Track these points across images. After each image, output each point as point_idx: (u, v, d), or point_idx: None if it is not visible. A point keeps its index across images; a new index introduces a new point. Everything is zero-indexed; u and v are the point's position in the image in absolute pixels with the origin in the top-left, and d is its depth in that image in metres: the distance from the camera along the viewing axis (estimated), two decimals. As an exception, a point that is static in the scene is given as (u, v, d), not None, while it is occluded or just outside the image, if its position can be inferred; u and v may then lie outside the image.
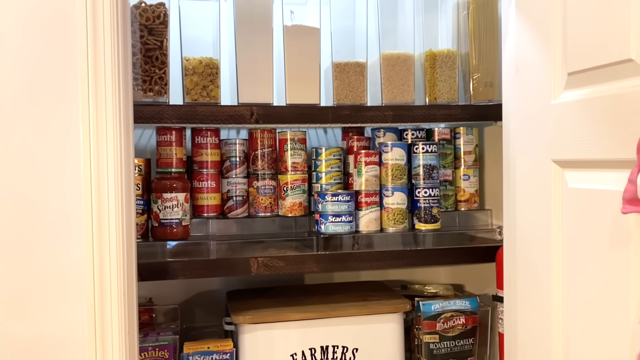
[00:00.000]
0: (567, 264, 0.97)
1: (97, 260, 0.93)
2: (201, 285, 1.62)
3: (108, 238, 0.94)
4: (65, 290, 0.92)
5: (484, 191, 1.57)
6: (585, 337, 0.93)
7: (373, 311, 1.34)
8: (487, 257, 1.38)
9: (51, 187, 0.93)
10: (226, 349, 1.27)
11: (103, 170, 0.95)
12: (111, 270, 0.93)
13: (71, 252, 0.92)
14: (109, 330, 0.92)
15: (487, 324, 1.45)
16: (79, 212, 0.93)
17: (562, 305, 0.99)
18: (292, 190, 1.40)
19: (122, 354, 0.92)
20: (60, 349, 0.91)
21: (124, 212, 0.96)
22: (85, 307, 0.91)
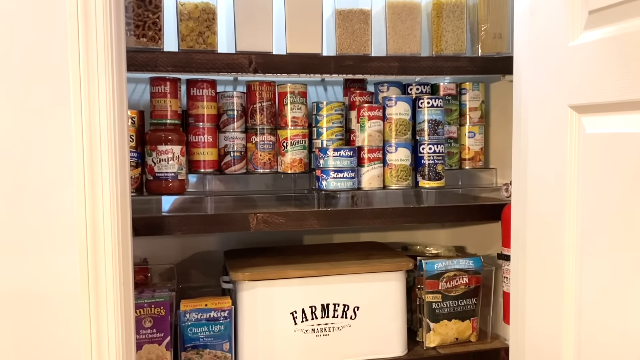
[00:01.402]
0: (583, 216, 0.93)
1: (90, 207, 0.88)
2: (198, 245, 1.58)
3: (101, 186, 0.89)
4: (57, 238, 0.87)
5: (489, 149, 1.52)
6: (601, 292, 0.90)
7: (375, 269, 1.31)
8: (492, 215, 1.35)
9: (42, 134, 0.88)
10: (224, 307, 1.23)
11: (95, 116, 0.89)
12: (104, 218, 0.88)
13: (63, 199, 0.87)
14: (102, 280, 0.87)
15: (491, 284, 1.42)
16: (70, 159, 0.88)
17: (575, 260, 0.96)
18: (292, 146, 1.35)
19: (116, 305, 0.88)
20: (53, 298, 0.87)
21: (116, 159, 0.91)
22: (77, 256, 0.87)
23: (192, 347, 1.21)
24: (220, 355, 1.23)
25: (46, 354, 0.87)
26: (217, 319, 1.22)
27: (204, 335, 1.22)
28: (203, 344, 1.22)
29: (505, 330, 1.43)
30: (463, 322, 1.38)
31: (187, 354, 1.21)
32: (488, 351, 1.36)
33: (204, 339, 1.22)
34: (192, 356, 1.21)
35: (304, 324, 1.27)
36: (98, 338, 0.88)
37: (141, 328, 1.18)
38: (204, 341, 1.22)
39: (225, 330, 1.23)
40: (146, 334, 1.18)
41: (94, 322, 0.87)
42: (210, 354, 1.22)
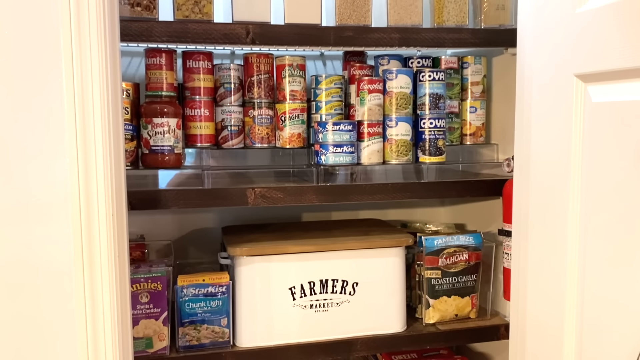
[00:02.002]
0: (587, 190, 0.91)
1: (83, 178, 0.85)
2: (195, 222, 1.57)
3: (94, 156, 0.87)
4: (49, 209, 0.85)
5: (490, 125, 1.50)
6: (605, 267, 0.89)
7: (374, 245, 1.29)
8: (493, 191, 1.33)
9: (31, 102, 0.85)
10: (222, 282, 1.22)
11: (87, 84, 0.87)
12: (98, 189, 0.86)
13: (55, 169, 0.85)
14: (97, 252, 0.86)
15: (490, 261, 1.41)
16: (61, 128, 0.86)
17: (579, 235, 0.94)
18: (290, 121, 1.32)
19: (111, 277, 0.86)
20: (46, 270, 0.85)
21: (110, 129, 0.88)
22: (71, 227, 0.85)
23: (190, 323, 1.20)
24: (218, 330, 1.22)
25: (40, 327, 0.86)
26: (215, 294, 1.21)
27: (201, 310, 1.20)
28: (201, 319, 1.21)
29: (504, 308, 1.42)
30: (462, 298, 1.37)
31: (185, 329, 1.20)
32: (487, 327, 1.35)
33: (202, 315, 1.20)
34: (190, 331, 1.20)
35: (302, 300, 1.26)
36: (93, 310, 0.86)
37: (138, 303, 1.16)
38: (202, 316, 1.21)
39: (223, 305, 1.22)
40: (143, 309, 1.17)
41: (89, 294, 0.86)
42: (208, 330, 1.21)
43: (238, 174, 1.33)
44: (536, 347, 1.07)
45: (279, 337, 1.25)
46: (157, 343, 1.18)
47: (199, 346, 1.21)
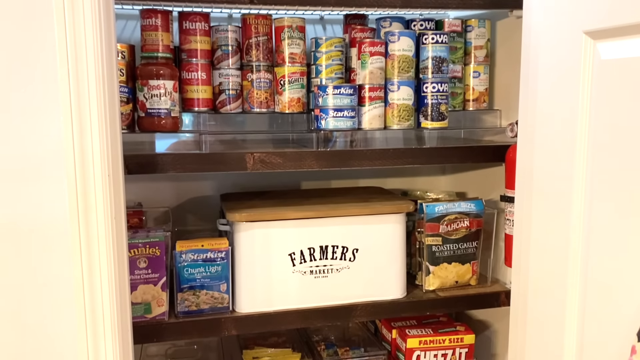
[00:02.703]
0: (594, 153, 0.89)
1: (78, 136, 0.83)
2: (193, 190, 1.55)
3: (89, 115, 0.84)
4: (44, 169, 0.83)
5: (493, 90, 1.47)
6: (610, 234, 0.87)
7: (375, 211, 1.28)
8: (496, 156, 1.31)
9: (25, 61, 0.82)
10: (221, 247, 1.21)
11: (80, 39, 0.84)
12: (93, 149, 0.84)
13: (49, 128, 0.83)
14: (93, 212, 0.84)
15: (492, 228, 1.40)
16: (55, 86, 0.83)
17: (584, 200, 0.93)
18: (289, 85, 1.30)
19: (108, 238, 0.85)
20: (42, 231, 0.83)
21: (104, 87, 0.86)
22: (66, 187, 0.83)
23: (189, 288, 1.19)
24: (218, 296, 1.21)
25: (37, 289, 0.85)
26: (214, 259, 1.20)
27: (200, 276, 1.19)
28: (200, 284, 1.20)
29: (505, 275, 1.41)
30: (463, 265, 1.36)
31: (184, 294, 1.19)
32: (488, 294, 1.35)
33: (201, 280, 1.20)
34: (189, 297, 1.20)
35: (302, 266, 1.25)
36: (90, 271, 0.85)
37: (136, 268, 1.15)
38: (201, 282, 1.20)
39: (222, 271, 1.21)
40: (141, 274, 1.16)
41: (85, 255, 0.84)
42: (207, 295, 1.20)
43: (236, 139, 1.31)
44: (538, 314, 1.06)
45: (278, 302, 1.24)
46: (156, 308, 1.17)
47: (198, 312, 1.20)
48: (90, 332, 0.87)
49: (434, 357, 1.34)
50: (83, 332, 0.86)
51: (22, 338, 0.85)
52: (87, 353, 0.87)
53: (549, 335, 1.02)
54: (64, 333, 0.86)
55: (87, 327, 0.86)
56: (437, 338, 1.34)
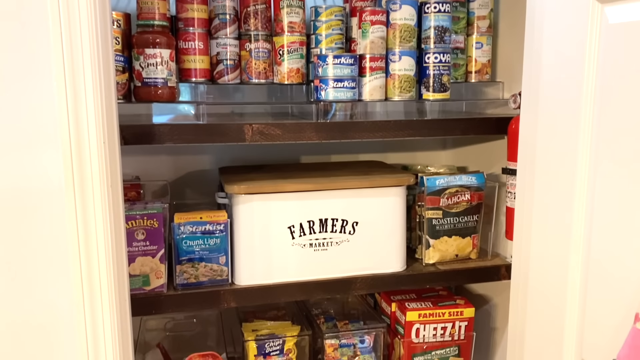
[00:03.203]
0: (600, 119, 0.88)
1: (71, 102, 0.81)
2: (191, 164, 1.53)
3: (83, 78, 0.82)
4: (37, 134, 0.81)
5: (496, 62, 1.45)
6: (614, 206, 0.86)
7: (375, 184, 1.27)
8: (499, 129, 1.29)
9: (16, 28, 0.80)
10: (220, 220, 1.19)
11: (74, 9, 0.81)
12: (88, 114, 0.82)
13: (42, 92, 0.81)
14: (88, 180, 0.82)
15: (493, 202, 1.39)
16: (48, 51, 0.81)
17: (589, 172, 0.91)
18: (289, 55, 1.27)
19: (104, 207, 0.83)
20: (36, 199, 0.82)
21: (99, 52, 0.83)
22: (61, 153, 0.81)
23: (188, 260, 1.19)
24: (217, 268, 1.20)
25: (32, 259, 0.83)
26: (213, 232, 1.19)
27: (199, 248, 1.18)
28: (199, 257, 1.19)
29: (505, 249, 1.41)
30: (464, 238, 1.35)
31: (182, 267, 1.19)
32: (488, 268, 1.34)
33: (200, 252, 1.19)
34: (188, 269, 1.19)
35: (301, 239, 1.24)
36: (86, 241, 0.84)
37: (134, 240, 1.14)
38: (200, 254, 1.19)
39: (221, 243, 1.20)
40: (139, 246, 1.15)
41: (81, 224, 0.83)
42: (206, 267, 1.20)
43: (234, 111, 1.29)
44: (539, 287, 1.05)
45: (277, 275, 1.24)
46: (154, 281, 1.17)
47: (197, 284, 1.20)
48: (87, 302, 0.86)
49: (434, 330, 1.34)
50: (80, 302, 0.86)
51: (17, 307, 0.84)
52: (85, 323, 0.86)
53: (550, 307, 1.01)
54: (60, 303, 0.85)
55: (84, 297, 0.85)
56: (436, 311, 1.34)
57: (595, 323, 0.89)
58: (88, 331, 0.86)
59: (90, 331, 0.86)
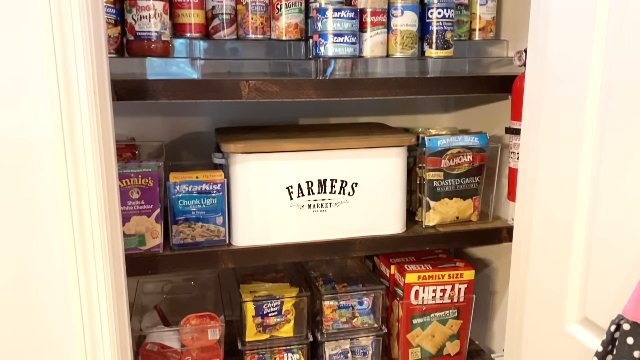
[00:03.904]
0: (611, 74, 0.84)
1: (59, 51, 0.78)
2: (187, 125, 1.50)
3: (71, 29, 0.78)
4: (25, 86, 0.78)
5: (500, 20, 1.40)
6: (622, 167, 0.83)
7: (375, 144, 1.24)
8: (503, 87, 1.26)
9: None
10: (217, 180, 1.17)
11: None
12: (77, 63, 0.78)
13: (28, 40, 0.77)
14: (78, 131, 0.79)
15: (495, 163, 1.36)
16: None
17: (597, 129, 0.88)
18: (287, 9, 1.22)
19: (95, 160, 0.80)
20: (26, 152, 0.79)
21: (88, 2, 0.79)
22: (50, 105, 0.78)
23: (184, 220, 1.16)
24: (214, 229, 1.18)
25: (22, 212, 0.81)
26: (210, 192, 1.17)
27: (195, 208, 1.16)
28: (195, 217, 1.17)
29: (506, 212, 1.39)
30: (464, 201, 1.33)
31: (179, 227, 1.17)
32: (489, 230, 1.33)
33: (196, 212, 1.16)
34: (184, 229, 1.17)
35: (300, 199, 1.22)
36: (77, 194, 0.81)
37: (128, 199, 1.12)
38: (196, 214, 1.17)
39: (218, 203, 1.17)
40: (134, 205, 1.12)
41: (72, 177, 0.80)
42: (203, 228, 1.18)
43: (231, 65, 1.25)
44: (542, 248, 1.04)
45: (275, 237, 1.22)
46: (150, 240, 1.15)
47: (194, 244, 1.18)
48: (80, 258, 0.84)
49: (433, 293, 1.33)
50: (72, 259, 0.83)
51: (7, 265, 0.82)
52: (78, 279, 0.84)
53: (553, 268, 1.00)
54: (52, 260, 0.83)
55: (77, 253, 0.83)
56: (436, 273, 1.32)
57: (600, 281, 0.88)
58: (81, 287, 0.84)
59: (83, 288, 0.85)
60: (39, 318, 0.85)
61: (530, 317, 1.07)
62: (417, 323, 1.34)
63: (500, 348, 1.45)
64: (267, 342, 1.27)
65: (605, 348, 0.73)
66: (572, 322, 0.94)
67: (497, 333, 1.48)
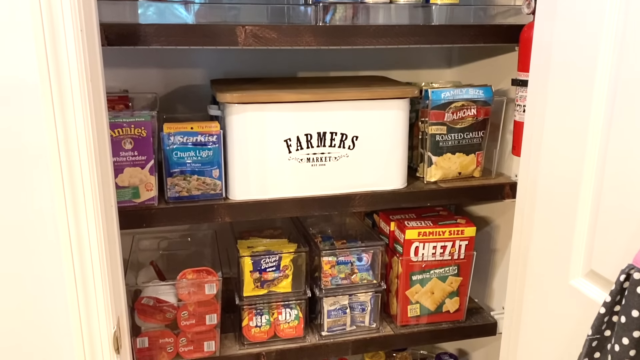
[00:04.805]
0: (627, 19, 0.80)
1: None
2: (182, 77, 1.45)
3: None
4: (7, 19, 0.73)
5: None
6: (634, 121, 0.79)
7: (377, 95, 1.19)
8: (510, 37, 1.21)
9: None
10: (212, 131, 1.13)
11: None
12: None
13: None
14: (65, 69, 0.75)
15: (500, 118, 1.32)
16: None
17: (609, 78, 0.84)
18: (285, -48, 1.16)
19: (84, 98, 0.76)
20: (9, 93, 0.75)
21: None
22: (34, 42, 0.73)
23: (179, 173, 1.13)
24: (210, 182, 1.15)
25: (8, 157, 0.77)
26: (205, 143, 1.13)
27: (190, 160, 1.13)
28: (190, 169, 1.13)
29: (510, 169, 1.36)
30: (467, 156, 1.30)
31: (174, 179, 1.13)
32: (492, 186, 1.30)
33: (191, 165, 1.13)
34: (179, 182, 1.13)
35: (298, 153, 1.18)
36: (65, 138, 0.77)
37: (121, 150, 1.08)
38: (191, 167, 1.13)
39: (214, 156, 1.14)
40: (127, 156, 1.09)
41: (59, 118, 0.76)
42: (199, 181, 1.14)
43: (227, 16, 1.19)
44: (547, 204, 1.01)
45: (273, 191, 1.19)
46: (145, 193, 1.12)
47: (190, 197, 1.15)
48: (70, 207, 0.80)
49: (433, 249, 1.31)
50: (62, 207, 0.80)
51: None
52: (68, 228, 0.81)
53: (558, 222, 0.97)
54: (41, 206, 0.80)
55: (66, 198, 0.80)
56: (436, 230, 1.30)
57: (608, 233, 0.85)
58: (72, 234, 0.81)
59: (74, 234, 0.81)
60: (28, 264, 0.82)
61: (533, 273, 1.05)
62: (417, 280, 1.32)
63: (499, 306, 1.44)
64: (265, 298, 1.25)
65: (613, 298, 0.71)
66: (577, 275, 0.92)
67: (496, 291, 1.47)
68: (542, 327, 1.02)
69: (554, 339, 0.98)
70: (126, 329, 0.97)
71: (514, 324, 1.11)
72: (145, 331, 1.19)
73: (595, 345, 0.73)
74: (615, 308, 0.71)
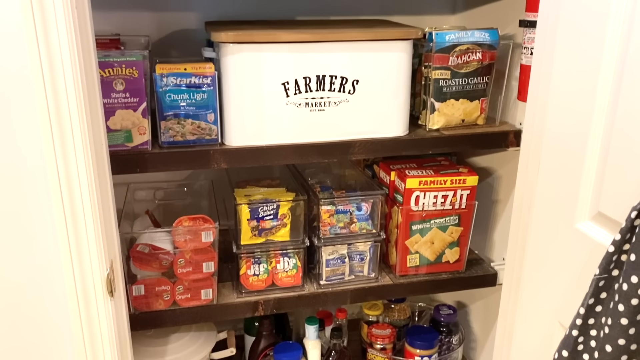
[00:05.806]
0: None
1: None
2: (176, 21, 1.39)
3: None
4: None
5: None
6: None
7: (379, 36, 1.14)
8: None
9: None
10: (207, 72, 1.08)
11: None
12: None
13: None
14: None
15: (506, 63, 1.27)
16: None
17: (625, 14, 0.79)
18: None
19: (69, 25, 0.71)
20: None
21: None
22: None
23: (173, 116, 1.09)
24: (205, 126, 1.11)
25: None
26: (200, 86, 1.08)
27: (184, 103, 1.08)
28: (184, 113, 1.09)
29: (514, 118, 1.32)
30: (471, 102, 1.26)
31: (167, 123, 1.09)
32: (496, 133, 1.26)
33: (185, 108, 1.09)
34: (173, 126, 1.10)
35: (297, 97, 1.14)
36: (52, 75, 0.73)
37: (112, 91, 1.04)
38: (185, 110, 1.09)
39: (208, 99, 1.09)
40: (118, 98, 1.04)
41: (44, 52, 0.71)
42: (194, 125, 1.10)
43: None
44: (554, 148, 0.97)
45: (271, 137, 1.15)
46: (137, 137, 1.08)
47: (184, 142, 1.11)
48: (59, 149, 0.77)
49: (434, 199, 1.28)
50: (51, 151, 0.76)
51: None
52: (57, 168, 0.77)
53: (566, 168, 0.94)
54: (31, 153, 0.76)
55: (54, 137, 0.76)
56: (438, 179, 1.27)
57: (618, 174, 0.82)
58: (61, 174, 0.77)
59: (63, 177, 0.78)
60: (16, 205, 0.79)
61: (538, 219, 1.03)
62: (417, 229, 1.30)
63: (500, 257, 1.43)
64: (263, 246, 1.23)
65: (623, 236, 0.68)
66: (583, 218, 0.89)
67: (497, 243, 1.46)
68: (546, 274, 1.00)
69: (558, 285, 0.96)
70: (120, 273, 0.95)
71: (516, 273, 1.10)
72: (141, 279, 1.17)
73: (602, 285, 0.71)
74: (625, 247, 0.69)
